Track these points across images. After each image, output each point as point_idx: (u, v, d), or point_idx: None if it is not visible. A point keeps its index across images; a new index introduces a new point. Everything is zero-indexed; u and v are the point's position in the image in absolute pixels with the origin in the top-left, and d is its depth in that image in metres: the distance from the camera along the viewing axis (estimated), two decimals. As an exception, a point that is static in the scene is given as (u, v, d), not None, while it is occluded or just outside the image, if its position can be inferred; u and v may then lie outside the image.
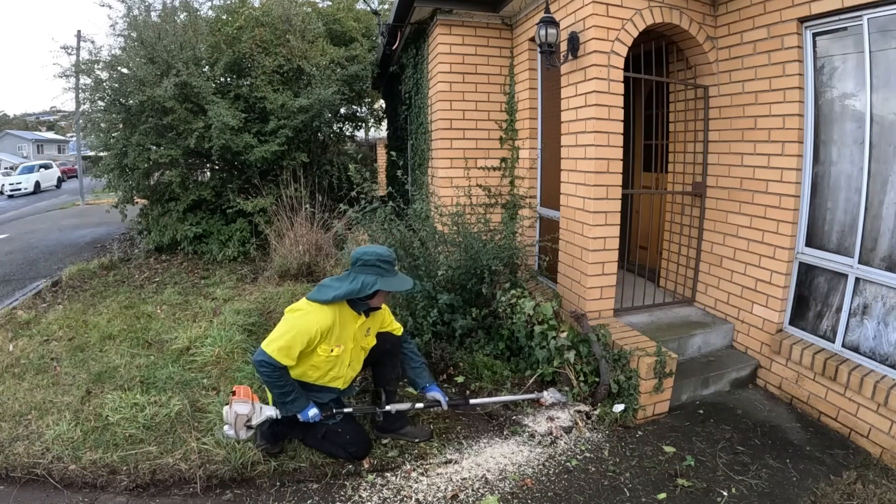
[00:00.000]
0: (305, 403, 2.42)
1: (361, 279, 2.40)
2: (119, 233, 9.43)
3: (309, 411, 2.42)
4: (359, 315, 2.53)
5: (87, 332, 4.33)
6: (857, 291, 2.92)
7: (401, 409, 2.72)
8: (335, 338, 2.44)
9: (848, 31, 2.86)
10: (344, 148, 8.84)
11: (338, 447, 2.58)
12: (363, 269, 2.44)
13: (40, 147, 44.26)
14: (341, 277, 2.49)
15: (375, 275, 2.43)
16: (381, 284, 2.42)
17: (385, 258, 2.46)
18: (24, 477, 2.50)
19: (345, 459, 2.59)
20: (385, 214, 3.80)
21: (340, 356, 2.50)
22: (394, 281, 2.49)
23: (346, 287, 2.39)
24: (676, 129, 4.11)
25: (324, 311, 2.40)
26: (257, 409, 2.39)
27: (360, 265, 2.45)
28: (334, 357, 2.47)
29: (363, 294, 2.40)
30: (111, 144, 6.88)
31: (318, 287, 2.48)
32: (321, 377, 2.51)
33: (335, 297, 2.38)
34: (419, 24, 4.91)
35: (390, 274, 2.48)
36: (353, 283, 2.40)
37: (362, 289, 2.39)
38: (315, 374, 2.50)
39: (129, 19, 6.74)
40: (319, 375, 2.51)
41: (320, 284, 2.49)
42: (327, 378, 2.53)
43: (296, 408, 2.41)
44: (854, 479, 2.45)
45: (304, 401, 2.43)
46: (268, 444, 2.60)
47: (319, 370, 2.49)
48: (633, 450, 2.79)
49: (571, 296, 3.71)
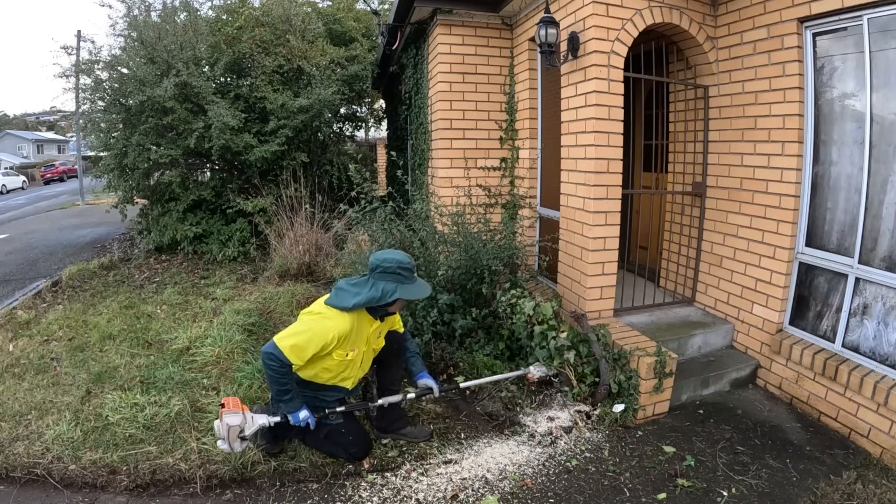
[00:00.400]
0: (299, 405, 2.42)
1: (382, 286, 2.39)
2: (119, 233, 9.42)
3: (300, 413, 2.41)
4: (374, 320, 2.54)
5: (87, 332, 4.33)
6: (857, 291, 2.92)
7: (392, 401, 2.67)
8: (351, 343, 2.44)
9: (848, 31, 2.86)
10: (344, 148, 8.83)
11: (339, 447, 2.58)
12: (383, 276, 2.43)
13: (40, 147, 44.25)
14: (359, 283, 2.47)
15: (396, 282, 2.42)
16: (401, 292, 2.41)
17: (405, 265, 2.45)
18: (24, 477, 2.50)
19: (345, 459, 2.59)
20: (385, 214, 3.80)
21: (353, 360, 2.50)
22: (413, 288, 2.49)
23: (367, 294, 2.38)
24: (676, 129, 4.11)
25: (343, 317, 2.39)
26: (248, 419, 2.35)
27: (379, 272, 2.43)
28: (348, 361, 2.47)
29: (384, 302, 2.40)
30: (111, 144, 6.87)
31: (335, 291, 2.45)
32: (332, 378, 2.52)
33: (356, 305, 2.37)
34: (419, 24, 4.91)
35: (410, 281, 2.47)
36: (373, 291, 2.38)
37: (383, 296, 2.38)
38: (327, 375, 2.50)
39: (129, 19, 6.73)
40: (331, 377, 2.51)
41: (337, 288, 2.46)
42: (338, 379, 2.54)
43: (290, 408, 2.40)
44: (854, 479, 2.45)
45: (299, 402, 2.42)
46: (268, 444, 2.60)
47: (332, 372, 2.49)
48: (633, 450, 2.79)
49: (571, 296, 3.71)
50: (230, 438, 2.30)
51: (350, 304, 2.36)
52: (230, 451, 2.38)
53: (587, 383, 3.16)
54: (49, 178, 31.96)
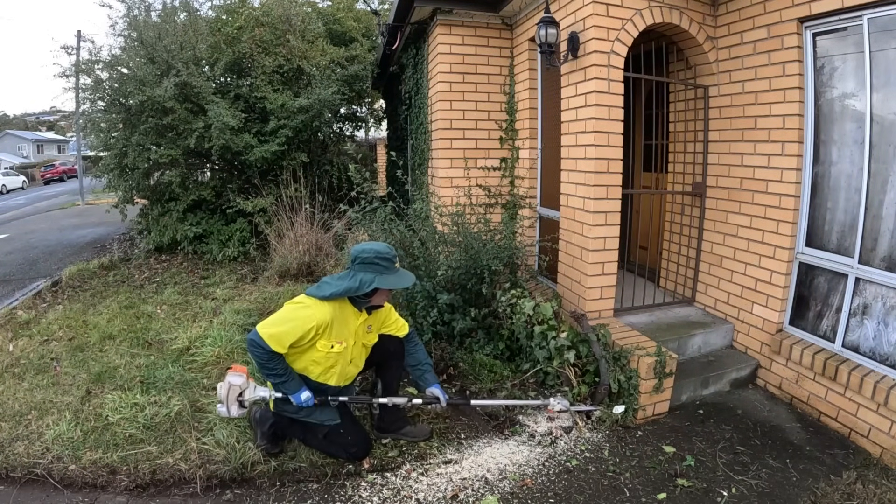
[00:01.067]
0: (298, 386, 2.43)
1: (360, 277, 2.41)
2: (119, 233, 9.43)
3: (301, 394, 2.43)
4: (360, 312, 2.55)
5: (87, 332, 4.33)
6: (857, 291, 2.92)
7: (397, 401, 2.67)
8: (335, 334, 2.44)
9: (848, 31, 2.86)
10: (344, 148, 8.84)
11: (339, 447, 2.58)
12: (362, 267, 2.44)
13: (40, 147, 44.24)
14: (342, 275, 2.49)
15: (374, 272, 2.42)
16: (379, 282, 2.41)
17: (384, 255, 2.46)
18: (24, 477, 2.50)
19: (345, 460, 2.59)
20: (385, 214, 3.80)
21: (342, 353, 2.51)
22: (393, 278, 2.48)
23: (345, 284, 2.40)
24: (676, 129, 4.11)
25: (323, 306, 2.40)
26: (251, 386, 2.42)
27: (359, 263, 2.45)
28: (335, 353, 2.48)
29: (361, 292, 2.41)
30: (111, 144, 6.87)
31: (318, 283, 2.49)
32: (323, 373, 2.52)
33: (332, 294, 2.39)
34: (419, 24, 4.91)
35: (390, 271, 2.47)
36: (351, 281, 2.40)
37: (361, 286, 2.39)
38: (317, 369, 2.50)
39: (129, 19, 6.73)
40: (321, 371, 2.51)
41: (321, 281, 2.50)
42: (328, 374, 2.54)
43: (289, 389, 2.42)
44: (854, 479, 2.45)
45: (297, 384, 2.44)
46: (268, 444, 2.60)
47: (321, 366, 2.49)
48: (633, 450, 2.79)
49: (571, 296, 3.71)
50: (229, 400, 2.34)
51: (328, 293, 2.38)
52: (227, 415, 2.40)
53: (587, 383, 3.16)
54: (49, 178, 31.97)
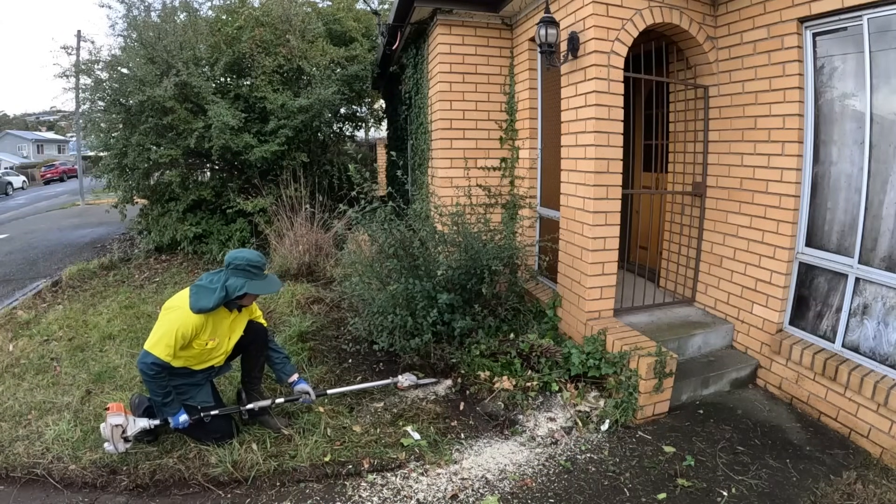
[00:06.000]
0: (178, 409, 2.64)
1: (231, 283, 2.64)
2: (119, 233, 9.42)
3: (179, 417, 2.62)
4: (231, 311, 2.78)
5: (87, 332, 4.33)
6: (857, 291, 2.92)
7: (262, 405, 2.88)
8: (209, 333, 2.66)
9: (848, 31, 2.86)
10: (344, 148, 8.83)
11: (206, 434, 2.73)
12: (234, 273, 2.68)
13: (40, 147, 44.23)
14: (214, 279, 2.68)
15: (245, 278, 2.68)
16: (248, 288, 2.68)
17: (254, 263, 2.72)
18: (24, 477, 2.51)
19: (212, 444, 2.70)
20: (385, 214, 3.79)
21: (215, 347, 2.73)
22: (261, 284, 2.74)
23: (218, 296, 2.60)
24: (676, 129, 4.11)
25: None
26: (130, 421, 2.55)
27: (231, 268, 2.69)
28: (209, 349, 2.70)
29: (234, 296, 2.65)
30: (111, 144, 6.88)
31: (197, 290, 2.64)
32: (200, 364, 2.74)
33: (214, 307, 2.59)
34: (419, 24, 4.91)
35: (259, 277, 2.74)
36: (220, 292, 2.61)
37: (232, 292, 2.64)
38: (195, 361, 2.71)
39: (129, 19, 6.74)
40: (199, 362, 2.73)
41: (199, 286, 2.66)
42: (206, 363, 2.76)
43: (170, 411, 2.61)
44: (854, 479, 2.45)
45: (177, 406, 2.64)
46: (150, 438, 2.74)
47: (198, 358, 2.72)
48: (633, 450, 2.79)
49: (571, 296, 3.71)
50: (114, 439, 2.48)
51: (210, 307, 2.57)
52: (115, 452, 2.53)
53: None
54: (49, 178, 31.94)
